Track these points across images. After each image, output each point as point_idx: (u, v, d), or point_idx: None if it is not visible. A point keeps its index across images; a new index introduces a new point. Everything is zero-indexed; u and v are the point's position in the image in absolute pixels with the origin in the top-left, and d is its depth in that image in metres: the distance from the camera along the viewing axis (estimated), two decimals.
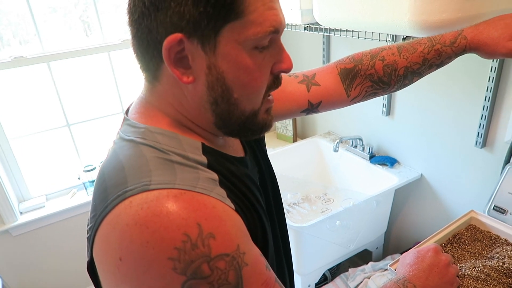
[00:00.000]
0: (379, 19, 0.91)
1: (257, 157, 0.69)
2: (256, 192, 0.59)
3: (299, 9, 1.28)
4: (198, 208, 0.44)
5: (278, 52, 0.52)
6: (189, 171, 0.48)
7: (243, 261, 0.45)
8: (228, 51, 0.47)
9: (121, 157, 0.50)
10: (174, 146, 0.50)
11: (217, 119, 0.52)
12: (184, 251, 0.41)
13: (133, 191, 0.44)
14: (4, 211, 1.68)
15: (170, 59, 0.47)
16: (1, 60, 1.59)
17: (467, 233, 0.99)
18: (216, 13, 0.44)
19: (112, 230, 0.44)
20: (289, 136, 2.13)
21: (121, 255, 0.43)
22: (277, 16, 0.48)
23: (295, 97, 0.78)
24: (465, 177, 1.35)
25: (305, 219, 1.62)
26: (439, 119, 1.37)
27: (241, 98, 0.51)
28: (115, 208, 0.45)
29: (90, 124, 1.91)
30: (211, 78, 0.49)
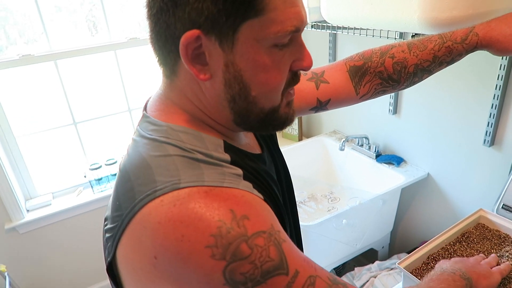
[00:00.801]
0: (388, 17, 0.91)
1: (272, 153, 0.69)
2: (275, 188, 0.59)
3: (307, 7, 1.27)
4: (229, 198, 0.45)
5: (298, 50, 0.50)
6: (214, 168, 0.49)
7: (280, 237, 0.45)
8: (247, 49, 0.46)
9: (145, 156, 0.49)
10: (197, 145, 0.50)
11: (235, 117, 0.52)
12: (221, 236, 0.41)
13: (163, 190, 0.44)
14: (11, 208, 1.69)
15: (187, 56, 0.46)
16: (9, 58, 1.60)
17: (476, 231, 0.98)
18: (235, 10, 0.43)
19: (143, 229, 0.44)
20: (295, 135, 2.13)
21: (156, 254, 0.43)
22: (299, 13, 0.47)
23: (304, 94, 0.77)
24: (473, 176, 1.35)
25: (311, 218, 1.62)
26: (446, 118, 1.37)
27: (260, 96, 0.50)
28: (144, 207, 0.44)
29: (96, 122, 1.91)
30: (228, 76, 0.48)
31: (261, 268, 0.42)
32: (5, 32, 1.61)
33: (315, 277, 0.46)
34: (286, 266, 0.44)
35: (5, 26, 1.60)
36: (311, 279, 0.45)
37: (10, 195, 1.67)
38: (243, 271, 0.42)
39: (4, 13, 1.58)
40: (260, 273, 0.42)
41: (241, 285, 0.42)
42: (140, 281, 0.47)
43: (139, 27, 1.87)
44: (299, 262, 0.46)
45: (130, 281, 0.49)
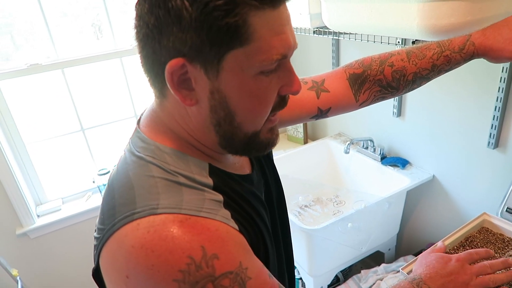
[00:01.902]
0: (387, 24, 0.92)
1: (264, 171, 0.69)
2: (260, 209, 0.60)
3: (308, 13, 1.29)
4: (202, 231, 0.46)
5: (287, 75, 0.50)
6: (195, 193, 0.50)
7: (246, 275, 0.47)
8: (232, 77, 0.47)
9: (131, 175, 0.51)
10: (182, 167, 0.51)
11: (220, 140, 0.53)
12: (189, 273, 0.43)
13: (140, 214, 0.46)
14: (22, 214, 1.73)
15: (172, 82, 0.47)
16: (17, 68, 1.64)
17: (479, 235, 0.98)
18: (219, 40, 0.43)
19: (119, 249, 0.46)
20: (300, 138, 2.14)
21: (128, 274, 0.45)
22: (286, 40, 0.47)
23: (305, 104, 0.78)
24: (477, 179, 1.34)
25: (317, 222, 1.63)
26: (450, 120, 1.36)
27: (244, 121, 0.51)
28: (122, 228, 0.46)
29: (104, 128, 1.95)
30: (213, 102, 0.49)
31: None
32: (12, 38, 1.65)
33: None
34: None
35: (12, 32, 1.64)
36: None
37: (21, 201, 1.71)
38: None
39: (9, 19, 1.62)
40: None
41: None
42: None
43: None
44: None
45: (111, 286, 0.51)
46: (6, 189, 1.66)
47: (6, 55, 1.66)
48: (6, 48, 1.65)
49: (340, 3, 1.05)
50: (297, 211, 1.70)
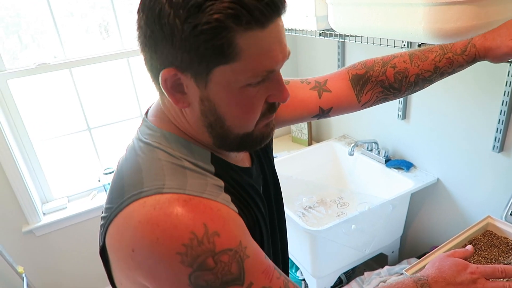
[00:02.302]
0: (393, 27, 0.92)
1: (262, 166, 0.72)
2: (258, 200, 0.64)
3: (314, 16, 1.29)
4: (205, 210, 0.50)
5: (275, 86, 0.52)
6: (198, 177, 0.54)
7: (244, 254, 0.50)
8: (219, 89, 0.50)
9: (139, 159, 0.55)
10: (186, 153, 0.55)
11: (214, 140, 0.56)
12: (191, 247, 0.47)
13: (147, 193, 0.50)
14: (29, 212, 1.75)
15: (166, 87, 0.51)
16: (26, 67, 1.66)
17: (483, 239, 0.99)
18: (207, 57, 0.46)
19: (126, 224, 0.50)
20: (304, 139, 2.14)
21: (134, 247, 0.49)
22: (274, 58, 0.49)
23: (307, 103, 0.80)
24: (482, 182, 1.34)
25: (320, 223, 1.63)
26: (455, 123, 1.37)
27: (234, 125, 0.54)
28: (129, 205, 0.50)
29: (110, 128, 1.96)
30: (203, 108, 0.52)
31: (221, 279, 0.48)
32: (19, 37, 1.67)
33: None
34: (243, 279, 0.50)
35: (19, 31, 1.66)
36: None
37: (27, 199, 1.72)
38: (206, 279, 0.48)
39: (17, 19, 1.64)
40: (220, 283, 0.48)
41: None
42: (121, 268, 0.54)
43: None
44: (256, 275, 0.51)
45: (115, 266, 0.55)
46: (13, 187, 1.67)
47: (14, 54, 1.68)
48: (14, 47, 1.67)
49: (346, 6, 1.06)
50: (300, 212, 1.71)
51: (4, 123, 1.62)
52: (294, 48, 2.12)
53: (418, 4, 0.84)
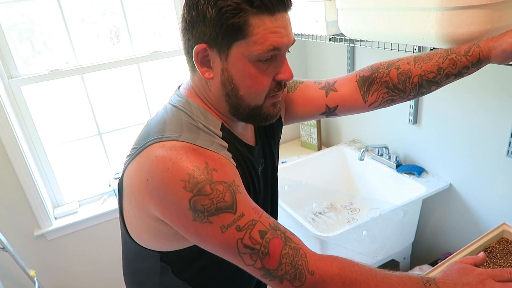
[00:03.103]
0: (405, 31, 0.92)
1: (265, 151, 0.84)
2: (253, 175, 0.75)
3: (325, 21, 1.29)
4: (208, 155, 0.63)
5: (281, 65, 0.67)
6: (208, 136, 0.67)
7: (237, 189, 0.62)
8: (236, 61, 0.63)
9: (165, 116, 0.69)
10: (202, 119, 0.69)
11: (230, 108, 0.69)
12: (193, 176, 0.59)
13: (167, 138, 0.64)
14: (40, 216, 1.77)
15: (197, 61, 0.65)
16: (39, 73, 1.68)
17: (499, 246, 0.96)
18: (228, 34, 0.61)
19: (145, 159, 0.63)
20: (314, 144, 2.13)
21: (148, 177, 0.61)
22: (278, 38, 0.62)
23: (315, 101, 0.90)
24: (496, 188, 1.32)
25: (331, 229, 1.62)
26: (468, 128, 1.35)
27: (246, 96, 0.67)
28: (152, 145, 0.63)
29: (120, 133, 1.98)
30: (223, 78, 0.66)
31: (216, 204, 0.59)
32: (31, 43, 1.70)
33: (257, 221, 0.61)
34: (235, 208, 0.60)
35: (31, 37, 1.69)
36: (253, 222, 0.61)
37: (39, 203, 1.74)
38: (203, 203, 0.58)
39: (30, 25, 1.67)
40: (215, 208, 0.59)
41: (200, 212, 0.59)
42: (134, 198, 0.66)
43: (160, 40, 1.93)
44: (247, 208, 0.61)
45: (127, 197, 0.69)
46: (25, 191, 1.70)
47: (26, 60, 1.70)
48: (27, 53, 1.70)
49: (357, 11, 1.05)
50: (310, 218, 1.70)
51: (17, 128, 1.65)
52: (304, 52, 2.12)
53: (430, 9, 0.83)
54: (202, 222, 0.59)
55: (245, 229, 0.59)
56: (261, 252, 0.59)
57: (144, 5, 1.81)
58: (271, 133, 0.87)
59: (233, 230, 0.59)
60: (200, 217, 0.59)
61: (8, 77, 1.64)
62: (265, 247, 0.59)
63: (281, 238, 0.61)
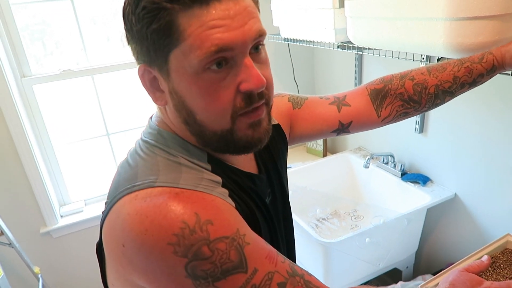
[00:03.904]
0: (413, 40, 0.93)
1: (270, 178, 0.69)
2: (262, 207, 0.62)
3: (333, 28, 1.30)
4: (197, 201, 0.49)
5: (243, 71, 0.49)
6: (194, 173, 0.53)
7: (243, 240, 0.48)
8: (179, 77, 0.49)
9: (137, 156, 0.56)
10: (182, 152, 0.55)
11: (196, 138, 0.55)
12: (183, 237, 0.45)
13: (140, 186, 0.50)
14: (47, 213, 1.79)
15: (145, 84, 0.54)
16: (51, 73, 1.71)
17: (502, 257, 0.96)
18: (157, 45, 0.48)
19: (116, 218, 0.49)
20: (319, 150, 2.14)
21: (124, 242, 0.47)
22: (222, 33, 0.46)
23: (326, 117, 0.79)
24: (501, 199, 1.32)
25: (334, 235, 1.62)
26: (475, 137, 1.35)
27: (205, 120, 0.51)
28: (121, 199, 0.50)
29: (128, 134, 2.00)
30: (174, 102, 0.52)
31: (221, 267, 0.46)
32: (43, 44, 1.73)
33: (273, 273, 0.49)
34: (245, 266, 0.48)
35: (43, 38, 1.72)
36: (269, 275, 0.49)
37: (46, 201, 1.77)
38: (204, 268, 0.46)
39: (42, 26, 1.70)
40: (220, 271, 0.46)
41: (203, 279, 0.46)
42: (114, 265, 0.52)
43: None
44: (259, 261, 0.49)
45: (109, 264, 0.55)
46: (33, 188, 1.72)
47: (38, 60, 1.73)
48: (38, 53, 1.73)
49: (366, 20, 1.07)
50: (314, 224, 1.70)
51: (28, 126, 1.68)
52: (312, 59, 2.13)
53: (439, 19, 0.84)
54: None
55: (262, 286, 0.48)
56: None
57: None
58: (276, 155, 0.72)
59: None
60: (203, 284, 0.46)
61: (21, 76, 1.67)
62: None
63: (301, 284, 0.52)
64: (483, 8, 0.77)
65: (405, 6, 0.92)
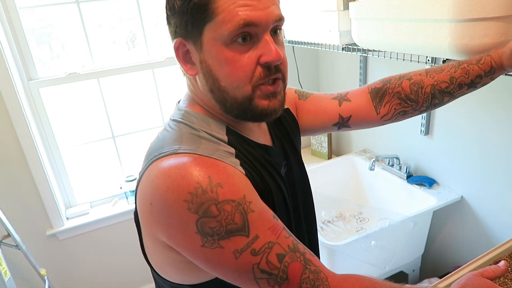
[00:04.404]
0: (418, 42, 0.92)
1: (285, 150, 0.76)
2: (277, 177, 0.68)
3: (338, 31, 1.30)
4: (211, 166, 0.56)
5: (264, 46, 0.57)
6: (212, 144, 0.61)
7: (249, 207, 0.54)
8: (210, 48, 0.57)
9: (165, 132, 0.65)
10: (204, 126, 0.63)
11: (219, 105, 0.62)
12: (196, 195, 0.52)
13: (165, 153, 0.58)
14: (53, 216, 1.80)
15: (178, 57, 0.61)
16: (57, 76, 1.73)
17: (510, 260, 0.95)
18: (194, 19, 0.56)
19: (146, 181, 0.57)
20: (324, 152, 2.13)
21: (151, 200, 0.55)
22: (250, 11, 0.55)
23: (328, 110, 0.86)
24: (508, 202, 1.30)
25: (339, 238, 1.61)
26: (481, 140, 1.34)
27: (228, 86, 0.59)
28: (151, 165, 0.58)
29: (133, 136, 2.01)
30: (204, 71, 0.60)
31: (225, 227, 0.52)
32: (50, 47, 1.75)
33: (274, 243, 0.55)
34: (247, 230, 0.53)
35: (50, 41, 1.74)
36: (269, 244, 0.54)
37: (52, 203, 1.78)
38: (211, 226, 0.52)
39: (48, 29, 1.72)
40: (224, 231, 0.52)
41: (209, 236, 0.52)
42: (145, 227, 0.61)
43: None
44: (262, 230, 0.54)
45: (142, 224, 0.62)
46: (40, 191, 1.73)
47: (44, 63, 1.75)
48: (44, 56, 1.75)
49: (370, 21, 1.07)
50: (319, 226, 1.69)
51: (34, 129, 1.69)
52: (317, 61, 2.13)
53: (444, 20, 0.84)
54: (212, 248, 0.53)
55: (261, 253, 0.53)
56: (280, 277, 0.54)
57: (160, 11, 1.85)
58: (291, 131, 0.80)
59: (247, 254, 0.53)
60: (209, 242, 0.52)
61: (28, 79, 1.68)
62: (284, 272, 0.54)
63: (301, 261, 0.56)
64: (488, 10, 0.76)
65: (410, 7, 0.91)
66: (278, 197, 0.67)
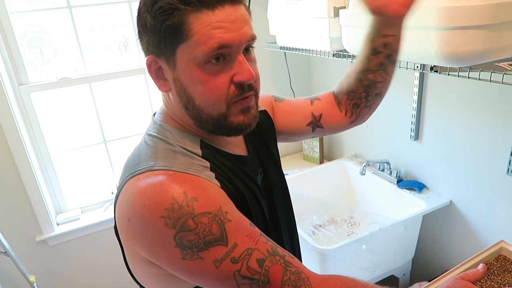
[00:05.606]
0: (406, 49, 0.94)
1: (260, 157, 0.78)
2: (252, 186, 0.70)
3: (329, 37, 1.32)
4: (186, 181, 0.57)
5: (237, 65, 0.59)
6: (186, 159, 0.62)
7: (226, 218, 0.56)
8: (184, 67, 0.58)
9: (141, 147, 0.66)
10: (179, 140, 0.64)
11: (194, 121, 0.64)
12: (173, 211, 0.53)
13: (141, 170, 0.59)
14: (43, 221, 1.78)
15: (151, 73, 0.62)
16: (48, 81, 1.72)
17: (496, 263, 0.97)
18: (168, 38, 0.56)
19: (123, 198, 0.59)
20: (316, 157, 2.15)
21: (129, 217, 0.57)
22: (223, 34, 0.56)
23: (301, 109, 0.89)
24: (496, 205, 1.33)
25: (330, 242, 1.62)
26: (469, 145, 1.36)
27: (203, 105, 0.60)
28: (128, 181, 0.59)
29: (125, 141, 2.00)
30: (177, 89, 0.61)
31: (204, 239, 0.54)
32: (41, 52, 1.74)
33: (253, 249, 0.56)
34: (226, 239, 0.55)
35: (41, 46, 1.73)
36: (248, 251, 0.56)
37: (42, 209, 1.76)
38: (190, 239, 0.53)
39: (40, 34, 1.71)
40: (203, 242, 0.54)
41: (188, 249, 0.54)
42: (125, 243, 0.62)
43: None
44: (240, 237, 0.56)
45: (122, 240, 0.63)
46: (29, 196, 1.71)
47: (35, 68, 1.74)
48: (36, 60, 1.74)
49: (360, 29, 1.08)
50: (311, 231, 1.70)
51: (24, 134, 1.68)
52: (308, 67, 2.15)
53: (431, 28, 0.86)
54: (192, 260, 0.54)
55: (241, 260, 0.55)
56: (261, 281, 0.56)
57: None
58: (265, 134, 0.83)
59: (228, 263, 0.55)
60: (189, 254, 0.54)
61: (18, 84, 1.67)
62: (265, 275, 0.56)
63: (281, 263, 0.57)
64: (474, 18, 0.78)
65: None
66: (254, 206, 0.69)
